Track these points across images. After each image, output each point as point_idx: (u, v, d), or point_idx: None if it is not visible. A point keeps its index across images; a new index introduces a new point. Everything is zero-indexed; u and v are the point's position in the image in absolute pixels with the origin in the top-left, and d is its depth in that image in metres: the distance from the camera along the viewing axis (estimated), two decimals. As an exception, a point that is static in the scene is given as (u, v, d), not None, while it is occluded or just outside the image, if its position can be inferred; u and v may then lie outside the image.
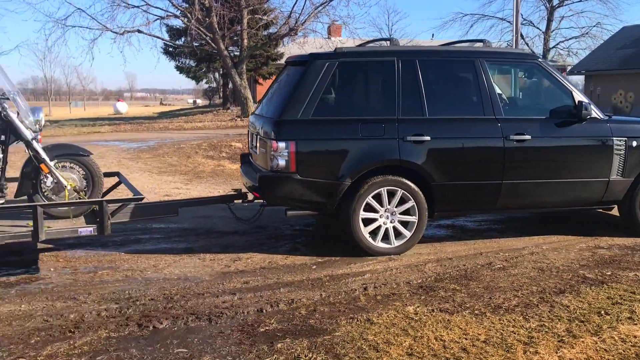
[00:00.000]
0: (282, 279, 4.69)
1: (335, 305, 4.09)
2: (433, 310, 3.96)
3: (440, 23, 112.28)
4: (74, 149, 5.37)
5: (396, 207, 5.29)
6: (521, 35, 29.93)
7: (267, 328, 3.69)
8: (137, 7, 21.38)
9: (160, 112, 39.12)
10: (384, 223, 5.31)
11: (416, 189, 5.28)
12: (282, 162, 5.07)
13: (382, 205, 5.26)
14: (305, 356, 3.29)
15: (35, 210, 4.62)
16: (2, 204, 5.06)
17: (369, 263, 5.11)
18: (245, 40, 23.51)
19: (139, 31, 21.67)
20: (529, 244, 5.78)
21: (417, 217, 5.32)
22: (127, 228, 6.36)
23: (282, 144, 5.06)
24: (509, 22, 34.09)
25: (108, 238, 5.97)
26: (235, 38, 25.37)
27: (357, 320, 3.78)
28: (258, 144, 5.69)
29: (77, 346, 3.44)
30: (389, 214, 5.30)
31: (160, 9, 23.46)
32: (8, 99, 4.95)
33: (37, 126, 5.10)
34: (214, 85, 42.26)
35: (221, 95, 38.31)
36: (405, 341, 3.48)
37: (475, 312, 3.94)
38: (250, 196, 6.07)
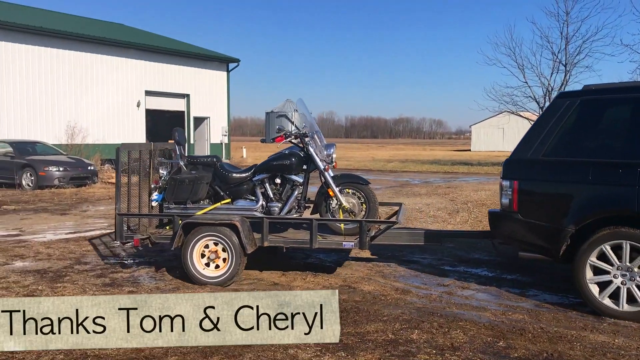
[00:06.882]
0: None
1: None
2: None
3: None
4: (356, 178, 6.16)
5: (630, 262, 4.50)
6: None
7: None
8: None
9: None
10: (622, 283, 4.54)
11: None
12: (505, 201, 5.06)
13: (612, 263, 4.56)
14: None
15: (311, 223, 5.57)
16: (298, 217, 6.17)
17: None
18: None
19: None
20: None
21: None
22: None
23: (506, 183, 5.06)
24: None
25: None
26: None
27: None
28: None
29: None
30: (625, 272, 4.53)
31: None
32: (308, 136, 6.08)
33: (329, 158, 6.14)
34: None
35: None
36: None
37: None
38: None
